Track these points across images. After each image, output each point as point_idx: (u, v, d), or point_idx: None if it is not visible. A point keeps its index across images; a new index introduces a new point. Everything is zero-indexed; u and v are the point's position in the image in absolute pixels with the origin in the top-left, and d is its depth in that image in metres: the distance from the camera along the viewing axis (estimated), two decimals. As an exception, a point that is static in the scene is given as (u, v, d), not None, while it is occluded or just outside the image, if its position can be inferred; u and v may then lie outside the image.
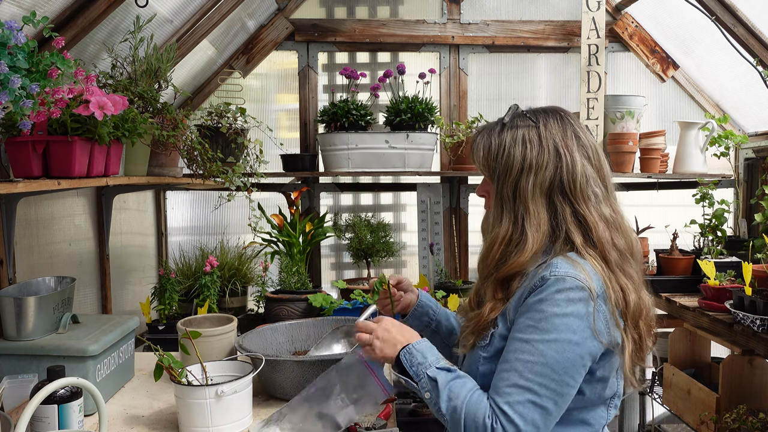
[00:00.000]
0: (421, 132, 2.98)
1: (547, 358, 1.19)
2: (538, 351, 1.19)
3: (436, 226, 3.18)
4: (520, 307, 1.25)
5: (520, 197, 1.30)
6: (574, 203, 1.29)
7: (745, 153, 3.24)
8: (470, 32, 3.29)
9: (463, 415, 1.20)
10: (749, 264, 2.24)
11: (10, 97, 1.28)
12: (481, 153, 1.36)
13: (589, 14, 2.92)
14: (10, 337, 1.60)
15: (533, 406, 1.18)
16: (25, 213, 2.04)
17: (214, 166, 2.29)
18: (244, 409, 1.50)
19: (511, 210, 1.31)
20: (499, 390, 1.21)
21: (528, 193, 1.30)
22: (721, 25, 2.78)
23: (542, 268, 1.25)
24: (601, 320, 1.21)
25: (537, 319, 1.21)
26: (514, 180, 1.30)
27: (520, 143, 1.32)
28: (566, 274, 1.22)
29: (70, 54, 1.60)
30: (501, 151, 1.33)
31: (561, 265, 1.23)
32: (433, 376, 1.25)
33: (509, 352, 1.23)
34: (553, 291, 1.21)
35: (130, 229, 2.94)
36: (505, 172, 1.32)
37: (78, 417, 1.43)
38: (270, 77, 3.34)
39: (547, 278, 1.22)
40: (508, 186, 1.31)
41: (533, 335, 1.20)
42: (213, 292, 2.65)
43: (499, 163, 1.33)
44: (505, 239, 1.30)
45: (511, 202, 1.31)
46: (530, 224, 1.28)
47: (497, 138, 1.34)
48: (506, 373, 1.21)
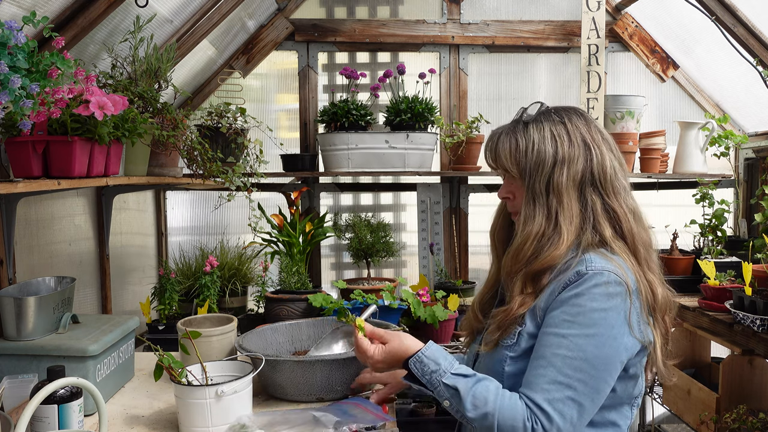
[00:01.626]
0: (421, 132, 2.98)
1: (587, 353, 1.17)
2: (577, 346, 1.18)
3: (436, 226, 3.18)
4: (553, 303, 1.23)
5: (553, 191, 1.29)
6: (603, 196, 1.30)
7: (745, 153, 3.24)
8: (470, 32, 3.29)
9: (497, 421, 1.17)
10: (749, 264, 2.24)
11: (10, 97, 1.28)
12: (508, 152, 1.34)
13: (589, 14, 2.92)
14: (10, 337, 1.60)
15: (572, 402, 1.16)
16: (25, 213, 2.04)
17: (214, 166, 2.29)
18: (244, 409, 1.50)
19: (543, 205, 1.30)
20: (535, 387, 1.18)
21: (562, 186, 1.29)
22: (721, 25, 2.78)
23: (573, 263, 1.24)
24: (635, 316, 1.21)
25: (574, 314, 1.19)
26: (547, 174, 1.29)
27: (550, 138, 1.31)
28: (603, 269, 1.21)
29: (70, 54, 1.60)
30: (531, 147, 1.32)
31: (596, 260, 1.23)
32: (452, 384, 1.22)
33: (544, 347, 1.20)
34: (591, 285, 1.20)
35: (130, 229, 2.94)
36: (537, 168, 1.31)
37: (78, 417, 1.43)
38: (270, 77, 3.34)
39: (584, 272, 1.21)
40: (540, 181, 1.30)
41: (571, 330, 1.19)
42: (213, 292, 2.65)
43: (529, 159, 1.31)
44: (538, 234, 1.28)
45: (543, 197, 1.30)
46: (564, 218, 1.28)
47: (523, 135, 1.33)
48: (543, 369, 1.19)
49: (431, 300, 2.81)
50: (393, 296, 2.70)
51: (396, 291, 2.81)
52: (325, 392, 1.66)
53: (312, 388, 1.65)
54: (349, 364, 1.65)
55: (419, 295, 2.78)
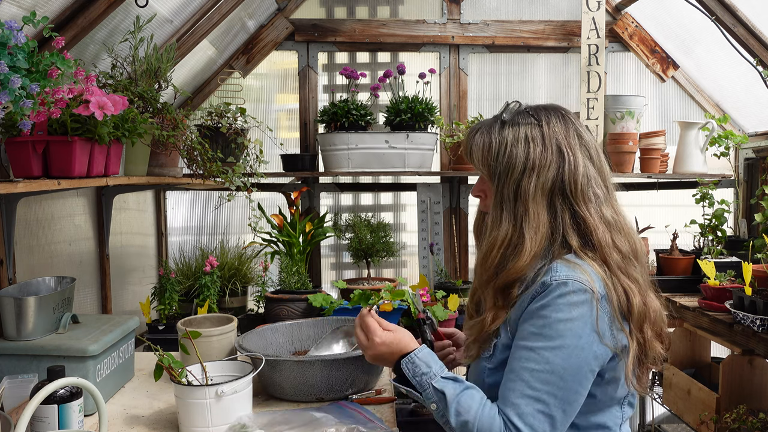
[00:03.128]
0: (421, 132, 2.98)
1: (554, 365, 1.16)
2: (544, 359, 1.16)
3: (436, 226, 3.18)
4: (523, 314, 1.21)
5: (520, 198, 1.25)
6: (574, 205, 1.24)
7: (745, 153, 3.24)
8: (470, 32, 3.29)
9: (476, 430, 1.17)
10: (749, 264, 2.24)
11: (10, 97, 1.28)
12: (480, 151, 1.30)
13: (589, 14, 2.92)
14: (10, 337, 1.60)
15: (542, 416, 1.16)
16: (25, 213, 2.04)
17: (214, 166, 2.29)
18: (244, 409, 1.50)
19: (510, 211, 1.25)
20: (507, 401, 1.18)
21: (529, 194, 1.24)
22: (721, 25, 2.78)
23: (542, 273, 1.21)
24: (605, 323, 1.18)
25: (540, 326, 1.18)
26: (516, 180, 1.25)
27: (523, 142, 1.26)
28: (567, 278, 1.18)
29: (70, 54, 1.60)
30: (502, 149, 1.27)
31: (561, 269, 1.19)
32: (440, 388, 1.22)
33: (515, 360, 1.20)
34: (555, 296, 1.17)
35: (130, 229, 2.94)
36: (507, 172, 1.26)
37: (78, 417, 1.43)
38: (270, 77, 3.34)
39: (549, 283, 1.18)
40: (509, 186, 1.26)
41: (538, 342, 1.17)
42: (213, 292, 2.65)
43: (500, 162, 1.27)
44: (504, 242, 1.25)
45: (511, 203, 1.26)
46: (529, 226, 1.23)
47: (497, 135, 1.28)
48: (513, 383, 1.18)
49: (431, 300, 2.81)
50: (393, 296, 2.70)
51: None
52: (325, 392, 1.66)
53: (312, 388, 1.65)
54: (349, 364, 1.65)
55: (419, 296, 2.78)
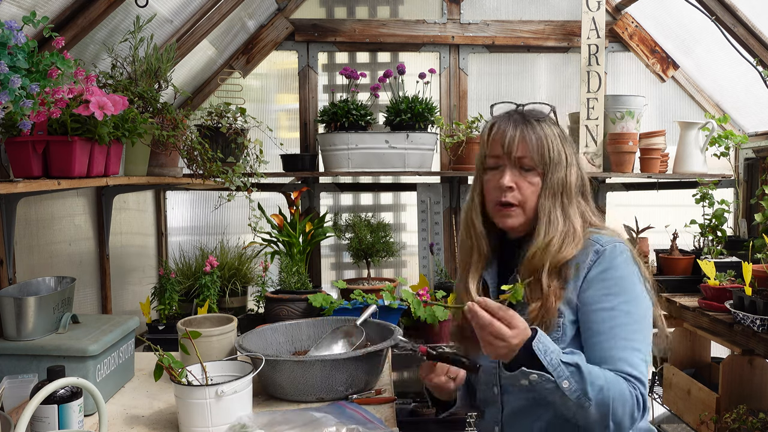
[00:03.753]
0: (421, 132, 2.98)
1: (634, 315, 1.30)
2: (625, 312, 1.29)
3: (436, 226, 3.18)
4: (582, 285, 1.33)
5: (567, 190, 1.39)
6: (588, 194, 1.45)
7: (745, 153, 3.24)
8: (470, 32, 3.29)
9: (611, 395, 1.22)
10: (749, 264, 2.24)
11: (10, 97, 1.28)
12: (534, 142, 1.38)
13: (589, 14, 2.92)
14: (10, 337, 1.60)
15: (643, 361, 1.28)
16: (25, 213, 2.04)
17: (214, 166, 2.29)
18: (244, 409, 1.50)
19: (560, 203, 1.38)
20: (614, 359, 1.27)
21: (573, 185, 1.40)
22: (721, 25, 2.78)
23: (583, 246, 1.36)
24: (641, 275, 1.37)
25: (609, 287, 1.31)
26: (563, 173, 1.39)
27: (560, 139, 1.41)
28: (613, 241, 1.36)
29: (70, 54, 1.60)
30: (552, 143, 1.38)
31: (602, 238, 1.37)
32: (573, 361, 1.23)
33: (599, 323, 1.30)
34: (612, 258, 1.33)
35: (130, 229, 2.94)
36: (557, 165, 1.38)
37: (78, 417, 1.43)
38: (270, 77, 3.34)
39: (601, 250, 1.34)
40: (557, 179, 1.38)
41: (613, 300, 1.30)
42: (213, 292, 2.65)
43: (553, 155, 1.38)
44: (562, 233, 1.36)
45: (558, 195, 1.38)
46: (576, 216, 1.39)
47: (542, 131, 1.39)
48: (609, 342, 1.28)
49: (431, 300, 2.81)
50: (393, 296, 2.70)
51: (396, 291, 2.81)
52: (325, 392, 1.66)
53: (312, 388, 1.65)
54: (349, 364, 1.65)
55: (419, 295, 2.78)
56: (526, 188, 1.39)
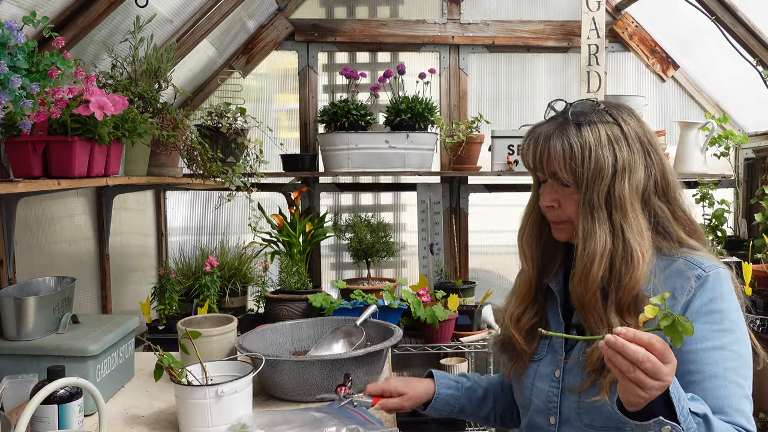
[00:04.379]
0: (421, 132, 2.98)
1: (744, 356, 1.12)
2: (737, 353, 1.11)
3: (436, 226, 3.18)
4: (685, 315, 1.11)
5: (615, 204, 1.17)
6: (669, 200, 1.22)
7: (745, 153, 3.24)
8: (470, 32, 3.29)
9: None
10: (749, 264, 2.24)
11: (10, 97, 1.28)
12: (561, 157, 1.18)
13: (589, 14, 2.92)
14: (10, 337, 1.60)
15: (750, 408, 1.12)
16: (25, 213, 2.04)
17: (214, 166, 2.29)
18: (244, 409, 1.50)
19: (605, 220, 1.17)
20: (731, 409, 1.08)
21: (625, 199, 1.17)
22: (721, 25, 2.78)
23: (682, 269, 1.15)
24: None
25: (719, 321, 1.12)
26: (607, 186, 1.17)
27: (607, 143, 1.18)
28: (716, 266, 1.17)
29: (70, 54, 1.60)
30: (587, 153, 1.18)
31: (702, 260, 1.17)
32: (701, 412, 1.01)
33: (711, 365, 1.10)
34: (718, 286, 1.14)
35: (130, 229, 2.94)
36: (595, 178, 1.17)
37: (78, 417, 1.43)
38: (270, 77, 3.34)
39: (704, 276, 1.14)
40: (599, 193, 1.17)
41: (724, 338, 1.12)
42: (213, 292, 2.65)
43: (587, 167, 1.17)
44: (605, 254, 1.16)
45: (604, 210, 1.17)
46: (632, 233, 1.16)
47: (577, 138, 1.18)
48: (725, 389, 1.09)
49: (431, 300, 2.81)
50: (393, 296, 2.70)
51: (396, 291, 2.81)
52: (325, 392, 1.65)
53: (312, 388, 1.65)
54: (349, 364, 1.65)
55: (419, 295, 2.78)
56: (568, 206, 1.22)
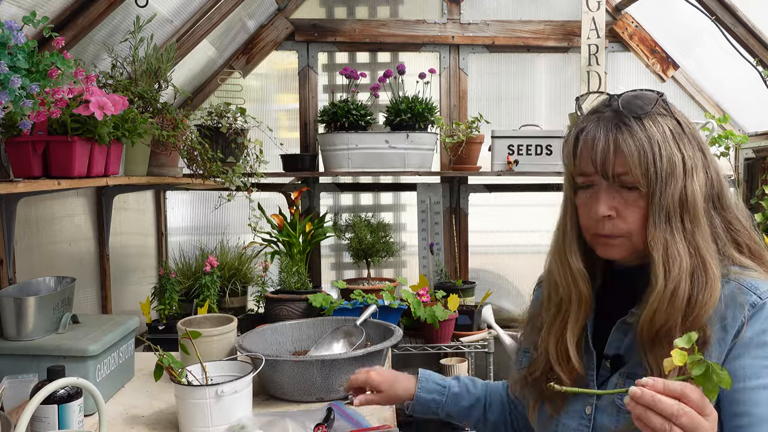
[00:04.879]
0: (421, 132, 2.98)
1: None
2: None
3: (436, 226, 3.18)
4: (732, 350, 0.96)
5: (689, 210, 1.00)
6: (724, 210, 1.06)
7: (745, 153, 3.24)
8: (470, 32, 3.29)
9: None
10: (749, 264, 2.24)
11: (10, 97, 1.28)
12: (636, 155, 1.00)
13: (589, 14, 2.92)
14: (10, 337, 1.60)
15: None
16: (25, 213, 2.04)
17: (214, 166, 2.29)
18: (244, 409, 1.50)
19: (681, 230, 1.00)
20: None
21: (697, 202, 1.00)
22: (721, 25, 2.78)
23: (735, 295, 0.99)
24: None
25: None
26: (681, 187, 1.00)
27: (671, 139, 1.02)
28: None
29: (70, 54, 1.60)
30: (656, 148, 1.00)
31: (758, 283, 0.99)
32: None
33: (762, 407, 0.93)
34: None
35: (130, 229, 2.94)
36: (669, 177, 1.00)
37: (78, 417, 1.43)
38: (270, 77, 3.34)
39: (760, 304, 0.97)
40: (672, 195, 1.00)
41: None
42: (213, 292, 2.65)
43: (659, 165, 1.00)
44: (689, 269, 0.98)
45: (678, 218, 1.00)
46: (706, 245, 1.00)
47: (644, 132, 1.01)
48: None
49: (431, 300, 2.81)
50: (393, 296, 2.70)
51: (396, 291, 2.81)
52: (325, 392, 1.66)
53: (312, 388, 1.65)
54: (349, 364, 1.65)
55: (419, 295, 2.78)
56: (630, 214, 1.03)
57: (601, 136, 1.03)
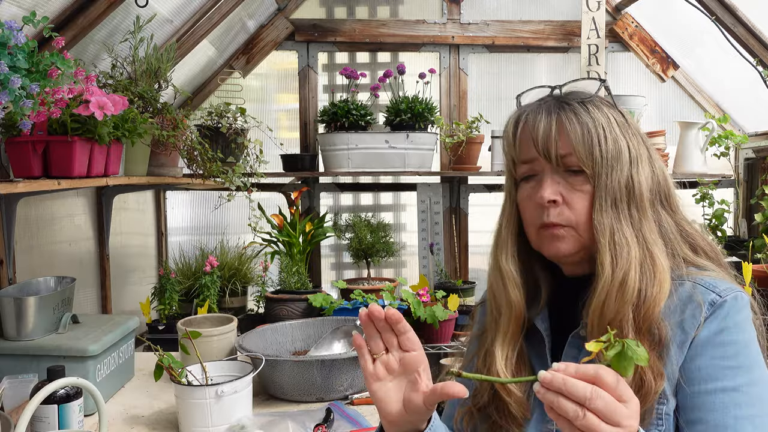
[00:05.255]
0: (421, 132, 2.98)
1: (764, 397, 0.87)
2: (754, 397, 0.87)
3: (436, 226, 3.18)
4: (689, 351, 0.90)
5: (636, 198, 0.96)
6: (670, 207, 1.02)
7: (745, 153, 3.24)
8: (470, 32, 3.29)
9: None
10: (749, 264, 2.24)
11: (10, 97, 1.28)
12: (579, 133, 0.95)
13: (589, 14, 2.92)
14: (10, 337, 1.60)
15: None
16: (25, 213, 2.04)
17: (214, 166, 2.29)
18: (244, 409, 1.50)
19: (628, 216, 0.95)
20: None
21: (644, 193, 0.96)
22: (721, 25, 2.78)
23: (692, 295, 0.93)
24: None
25: (731, 355, 0.89)
26: (627, 174, 0.96)
27: (617, 126, 0.98)
28: (732, 290, 0.93)
29: (70, 54, 1.60)
30: (601, 132, 0.96)
31: (716, 282, 0.94)
32: None
33: (717, 412, 0.86)
34: (734, 314, 0.91)
35: (130, 229, 2.94)
36: (615, 162, 0.96)
37: (78, 417, 1.43)
38: (270, 77, 3.34)
39: (719, 302, 0.91)
40: (620, 180, 0.95)
41: (739, 378, 0.87)
42: (213, 292, 2.65)
43: (604, 148, 0.95)
44: (638, 259, 0.93)
45: (625, 204, 0.96)
46: (653, 236, 0.95)
47: (588, 116, 0.97)
48: None
49: (431, 300, 2.81)
50: (393, 296, 2.70)
51: (396, 291, 2.81)
52: (325, 392, 1.66)
53: (312, 388, 1.65)
54: (349, 364, 1.65)
55: (419, 295, 2.78)
56: (576, 200, 0.96)
57: (543, 117, 0.98)
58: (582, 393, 0.70)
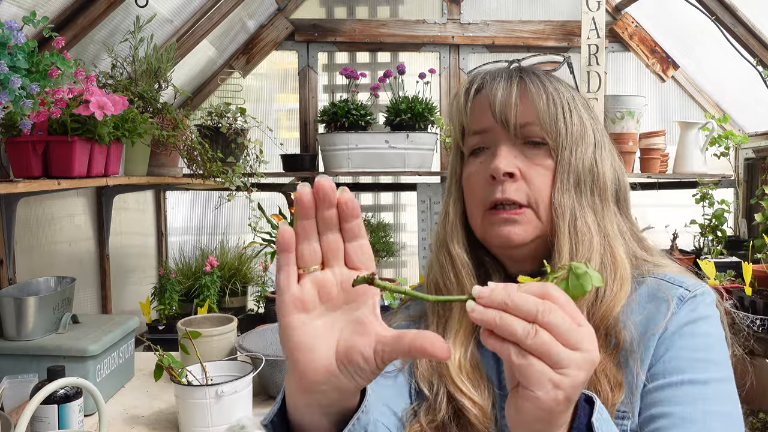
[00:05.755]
0: (421, 132, 2.98)
1: (734, 401, 0.79)
2: (724, 394, 0.79)
3: (436, 226, 3.18)
4: (658, 347, 0.80)
5: (597, 183, 0.85)
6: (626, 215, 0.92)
7: (745, 153, 3.24)
8: (470, 32, 3.29)
9: None
10: (749, 264, 2.24)
11: (10, 97, 1.28)
12: (545, 100, 0.85)
13: (589, 14, 2.92)
14: (10, 337, 1.60)
15: None
16: (25, 213, 2.04)
17: (214, 166, 2.29)
18: (244, 409, 1.50)
19: (590, 203, 0.85)
20: None
21: (607, 181, 0.86)
22: (721, 25, 2.78)
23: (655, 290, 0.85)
24: None
25: (702, 347, 0.80)
26: (592, 155, 0.86)
27: (582, 105, 0.89)
28: (700, 285, 0.85)
29: (70, 54, 1.60)
30: (567, 105, 0.86)
31: (683, 279, 0.86)
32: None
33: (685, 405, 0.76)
34: (704, 308, 0.83)
35: (130, 229, 2.94)
36: (580, 139, 0.85)
37: (78, 417, 1.43)
38: (270, 77, 3.34)
39: (688, 297, 0.83)
40: (584, 160, 0.85)
41: (709, 372, 0.79)
42: (213, 292, 2.65)
43: (569, 122, 0.85)
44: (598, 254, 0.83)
45: (587, 188, 0.85)
46: (613, 228, 0.85)
47: (552, 86, 0.87)
48: None
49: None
50: (393, 296, 2.70)
51: (396, 291, 2.81)
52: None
53: (312, 388, 1.65)
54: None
55: (419, 295, 2.78)
56: (536, 176, 0.84)
57: (502, 81, 0.86)
58: (532, 306, 0.54)
